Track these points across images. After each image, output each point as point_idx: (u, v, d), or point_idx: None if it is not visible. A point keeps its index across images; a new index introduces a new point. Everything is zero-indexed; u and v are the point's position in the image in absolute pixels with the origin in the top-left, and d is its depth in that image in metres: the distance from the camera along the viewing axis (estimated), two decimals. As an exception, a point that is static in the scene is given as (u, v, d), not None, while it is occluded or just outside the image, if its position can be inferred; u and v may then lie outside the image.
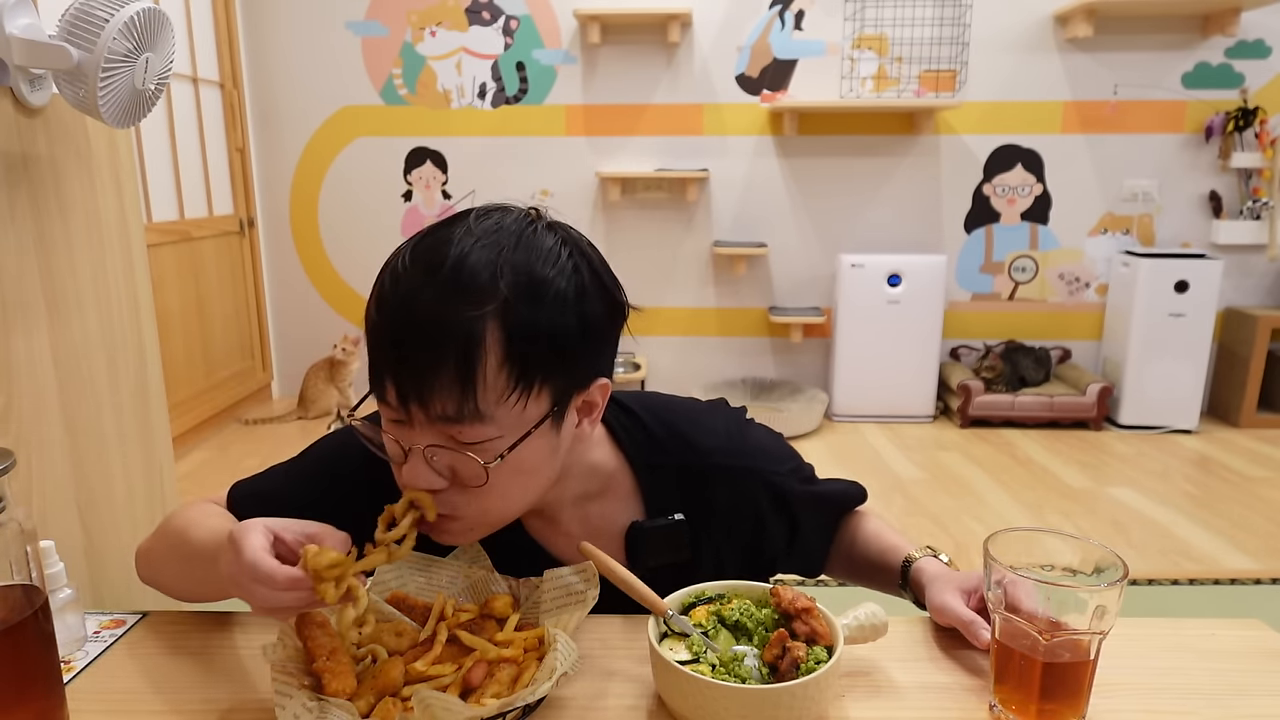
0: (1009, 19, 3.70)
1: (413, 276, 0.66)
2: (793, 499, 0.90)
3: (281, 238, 4.07)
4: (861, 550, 0.95)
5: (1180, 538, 2.62)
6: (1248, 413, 3.71)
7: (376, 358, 0.68)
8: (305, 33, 3.84)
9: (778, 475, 0.89)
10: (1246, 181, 3.77)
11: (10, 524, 0.63)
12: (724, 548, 0.87)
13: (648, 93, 3.83)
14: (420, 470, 0.69)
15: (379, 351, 0.68)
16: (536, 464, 0.72)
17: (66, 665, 0.78)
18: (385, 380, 0.68)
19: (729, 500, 0.86)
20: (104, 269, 1.14)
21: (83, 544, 1.09)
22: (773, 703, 0.64)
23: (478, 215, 0.70)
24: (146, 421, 1.23)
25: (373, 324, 0.68)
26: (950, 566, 0.86)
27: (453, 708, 0.61)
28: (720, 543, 0.87)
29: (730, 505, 0.87)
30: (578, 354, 0.71)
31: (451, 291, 0.65)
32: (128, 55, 0.92)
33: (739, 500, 0.87)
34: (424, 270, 0.66)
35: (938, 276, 3.73)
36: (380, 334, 0.67)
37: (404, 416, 0.68)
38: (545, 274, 0.67)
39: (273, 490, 0.88)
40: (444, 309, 0.64)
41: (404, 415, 0.68)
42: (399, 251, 0.69)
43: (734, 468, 0.87)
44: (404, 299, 0.66)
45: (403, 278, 0.67)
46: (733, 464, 0.87)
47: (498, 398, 0.66)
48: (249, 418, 3.77)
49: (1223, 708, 0.71)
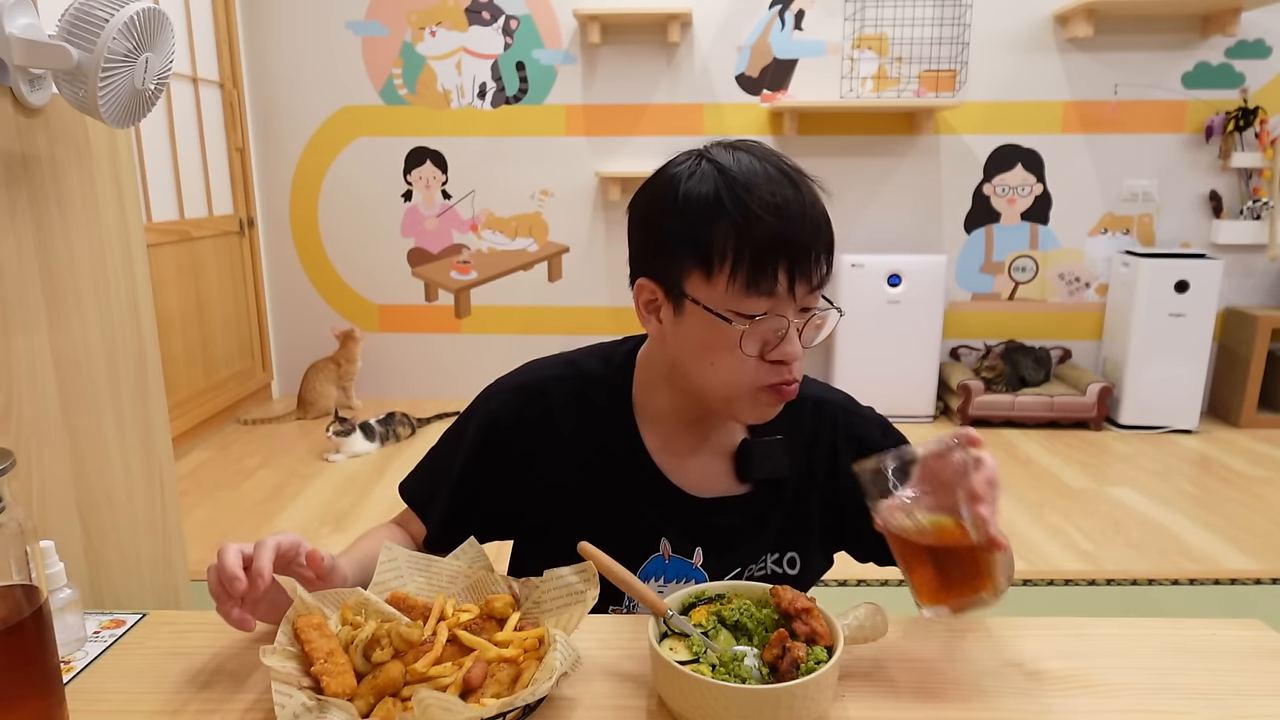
0: (1009, 19, 3.70)
1: (768, 175, 0.78)
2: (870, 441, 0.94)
3: (281, 238, 4.07)
4: None
5: (1180, 538, 2.62)
6: (1248, 413, 3.71)
7: (765, 255, 0.77)
8: (305, 33, 3.84)
9: (857, 415, 0.98)
10: (1247, 181, 3.77)
11: (10, 524, 0.63)
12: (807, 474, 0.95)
13: (648, 93, 3.83)
14: (794, 343, 0.80)
15: (770, 249, 0.77)
16: None
17: (66, 665, 0.78)
18: (778, 266, 0.77)
19: (812, 427, 0.95)
20: (104, 269, 1.14)
21: (83, 544, 1.09)
22: (773, 703, 0.64)
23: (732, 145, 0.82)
24: (146, 421, 1.23)
25: (761, 228, 0.76)
26: None
27: (453, 708, 0.61)
28: (804, 467, 0.95)
29: (812, 431, 0.95)
30: None
31: (808, 189, 0.81)
32: (128, 55, 0.92)
33: (819, 428, 0.96)
34: (773, 169, 0.79)
35: (938, 276, 3.73)
36: (773, 234, 0.77)
37: (786, 297, 0.79)
38: None
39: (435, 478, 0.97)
40: (813, 202, 0.80)
41: (788, 296, 0.79)
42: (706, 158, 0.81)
43: (821, 400, 0.97)
44: (785, 202, 0.78)
45: (759, 176, 0.78)
46: (820, 396, 0.97)
47: (830, 264, 0.82)
48: (248, 418, 3.77)
49: (1223, 708, 0.71)
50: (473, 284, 4.10)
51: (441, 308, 4.12)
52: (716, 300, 0.79)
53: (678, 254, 0.80)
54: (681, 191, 0.79)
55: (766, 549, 0.94)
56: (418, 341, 4.16)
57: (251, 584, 0.72)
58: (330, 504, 2.89)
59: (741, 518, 0.92)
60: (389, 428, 3.49)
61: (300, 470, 3.20)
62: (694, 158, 0.82)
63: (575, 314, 4.08)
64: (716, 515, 0.91)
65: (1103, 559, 2.48)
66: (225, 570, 0.72)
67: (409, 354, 4.17)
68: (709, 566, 0.92)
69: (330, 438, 3.31)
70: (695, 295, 0.80)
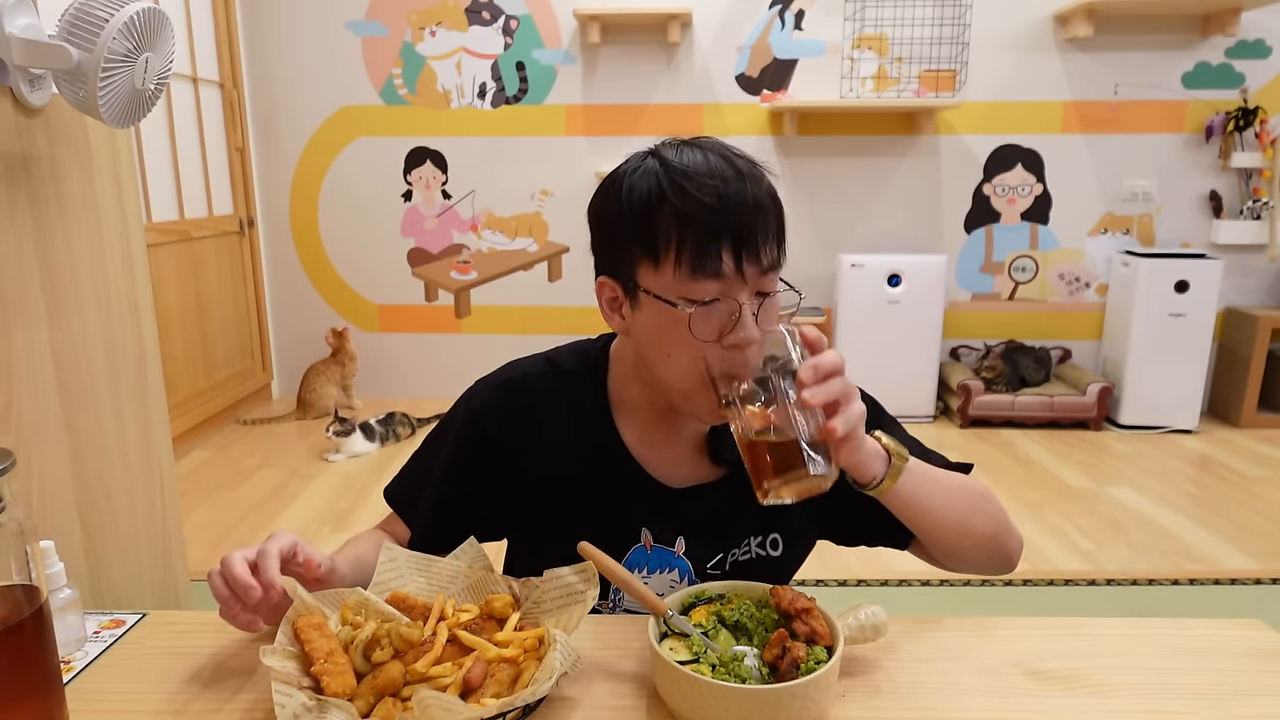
0: (1009, 19, 3.70)
1: (710, 165, 0.79)
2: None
3: (281, 238, 4.07)
4: None
5: (1180, 538, 2.62)
6: (1248, 413, 3.71)
7: (707, 234, 0.78)
8: (305, 33, 3.84)
9: None
10: (1246, 181, 3.77)
11: (10, 524, 0.63)
12: None
13: (648, 93, 3.83)
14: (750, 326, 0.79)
15: (711, 231, 0.78)
16: None
17: (66, 665, 0.78)
18: (721, 248, 0.78)
19: None
20: (104, 269, 1.14)
21: (83, 544, 1.09)
22: (773, 703, 0.64)
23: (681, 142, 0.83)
24: (146, 421, 1.23)
25: (701, 211, 0.78)
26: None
27: (453, 708, 0.61)
28: None
29: None
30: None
31: (752, 171, 0.81)
32: (128, 55, 0.92)
33: None
34: (717, 158, 0.80)
35: (938, 276, 3.73)
36: (709, 213, 0.78)
37: (735, 279, 0.78)
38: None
39: (420, 480, 0.98)
40: (755, 183, 0.80)
41: (736, 277, 0.78)
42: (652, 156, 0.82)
43: None
44: (715, 181, 0.78)
45: (701, 168, 0.79)
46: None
47: (782, 248, 0.83)
48: (248, 418, 3.77)
49: (1223, 708, 0.71)
50: (473, 284, 4.10)
51: (441, 308, 4.12)
52: (666, 287, 0.79)
53: (627, 247, 0.82)
54: (626, 187, 0.81)
55: (748, 532, 0.94)
56: (418, 341, 4.16)
57: (265, 594, 0.74)
58: (330, 504, 2.89)
59: (720, 503, 0.92)
60: (389, 428, 3.49)
61: (300, 470, 3.20)
62: (641, 156, 0.84)
63: (575, 314, 4.07)
64: (694, 503, 0.92)
65: (1103, 559, 2.48)
66: (239, 581, 0.73)
67: (409, 354, 4.17)
68: (692, 554, 0.92)
69: (330, 438, 3.31)
70: (647, 285, 0.81)
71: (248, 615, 0.75)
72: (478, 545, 0.84)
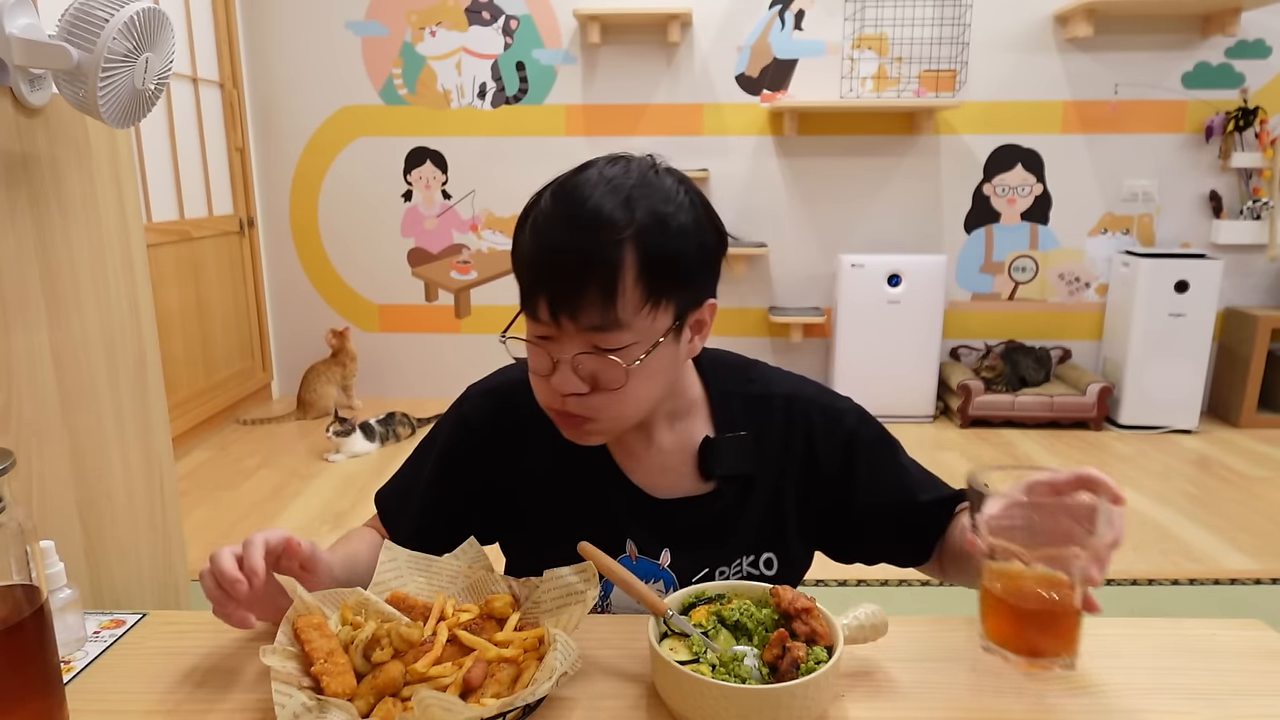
0: (1009, 19, 3.70)
1: (558, 215, 0.79)
2: (846, 432, 0.94)
3: (281, 238, 4.07)
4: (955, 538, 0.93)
5: (1180, 538, 2.62)
6: (1248, 413, 3.71)
7: (531, 282, 0.79)
8: (305, 33, 3.84)
9: (831, 407, 0.96)
10: (1246, 181, 3.77)
11: (10, 524, 0.63)
12: (779, 473, 0.94)
13: (648, 93, 3.83)
14: (568, 377, 0.79)
15: (535, 278, 0.79)
16: (663, 369, 0.83)
17: (66, 665, 0.78)
18: (539, 300, 0.78)
19: (784, 424, 0.94)
20: (104, 269, 1.14)
21: (83, 544, 1.09)
22: (773, 703, 0.64)
23: (606, 163, 0.83)
24: (146, 421, 1.23)
25: (527, 255, 0.80)
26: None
27: (453, 708, 0.61)
28: (777, 464, 0.94)
29: (784, 429, 0.94)
30: (695, 276, 0.82)
31: (593, 225, 0.76)
32: (128, 55, 0.92)
33: (791, 425, 0.94)
34: (568, 208, 0.78)
35: (938, 276, 3.73)
36: (536, 263, 0.79)
37: (555, 331, 0.79)
38: (668, 210, 0.79)
39: (408, 489, 0.99)
40: (589, 240, 0.76)
41: (555, 329, 0.79)
42: (539, 196, 0.82)
43: (792, 395, 0.96)
44: (554, 233, 0.78)
45: (550, 216, 0.79)
46: (792, 392, 0.96)
47: (634, 309, 0.78)
48: (248, 418, 3.77)
49: (1223, 708, 0.71)
50: (473, 284, 4.10)
51: (441, 308, 4.12)
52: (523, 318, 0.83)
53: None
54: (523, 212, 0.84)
55: (741, 551, 0.93)
56: (418, 341, 4.16)
57: (249, 582, 0.73)
58: (330, 504, 2.89)
59: (706, 517, 0.92)
60: (389, 428, 3.49)
61: (300, 470, 3.20)
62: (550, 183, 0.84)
63: (575, 314, 4.07)
64: (680, 515, 0.91)
65: (1103, 559, 2.48)
66: (224, 575, 0.72)
67: (409, 354, 4.17)
68: (677, 567, 0.92)
69: (330, 438, 3.31)
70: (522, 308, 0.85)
71: (240, 612, 0.74)
72: (478, 545, 0.84)
